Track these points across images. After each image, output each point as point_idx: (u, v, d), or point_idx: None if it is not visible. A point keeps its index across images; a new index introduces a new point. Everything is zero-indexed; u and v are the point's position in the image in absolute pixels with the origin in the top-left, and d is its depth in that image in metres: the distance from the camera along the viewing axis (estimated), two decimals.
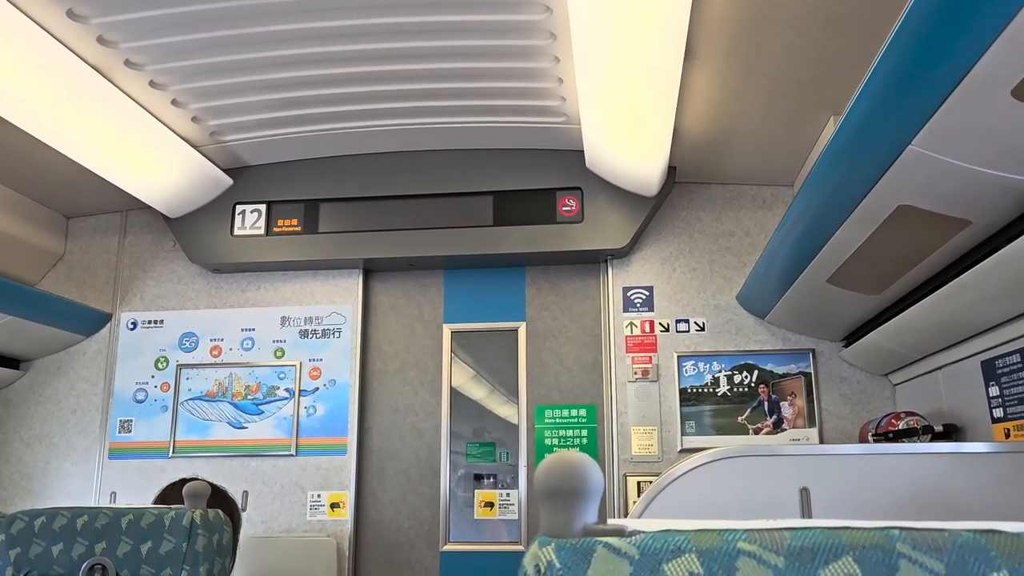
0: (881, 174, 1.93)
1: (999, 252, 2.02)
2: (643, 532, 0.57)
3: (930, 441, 2.69)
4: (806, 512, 1.95)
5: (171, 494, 2.20)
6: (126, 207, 4.09)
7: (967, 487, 1.94)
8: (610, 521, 0.59)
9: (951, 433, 2.73)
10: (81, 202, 4.04)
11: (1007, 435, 2.42)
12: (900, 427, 2.82)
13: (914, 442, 2.71)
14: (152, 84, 3.02)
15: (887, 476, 1.98)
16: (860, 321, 3.14)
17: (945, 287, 2.32)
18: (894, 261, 2.41)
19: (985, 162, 1.75)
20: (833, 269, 2.62)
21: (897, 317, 2.74)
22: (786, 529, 0.56)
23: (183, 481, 2.20)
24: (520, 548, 3.60)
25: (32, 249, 3.97)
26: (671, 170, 3.62)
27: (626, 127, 3.09)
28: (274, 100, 3.29)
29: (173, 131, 3.33)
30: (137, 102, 3.07)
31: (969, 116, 1.61)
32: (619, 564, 0.56)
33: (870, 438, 2.98)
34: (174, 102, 3.17)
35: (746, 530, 0.56)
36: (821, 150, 2.14)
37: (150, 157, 3.40)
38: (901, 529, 0.55)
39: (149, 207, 3.84)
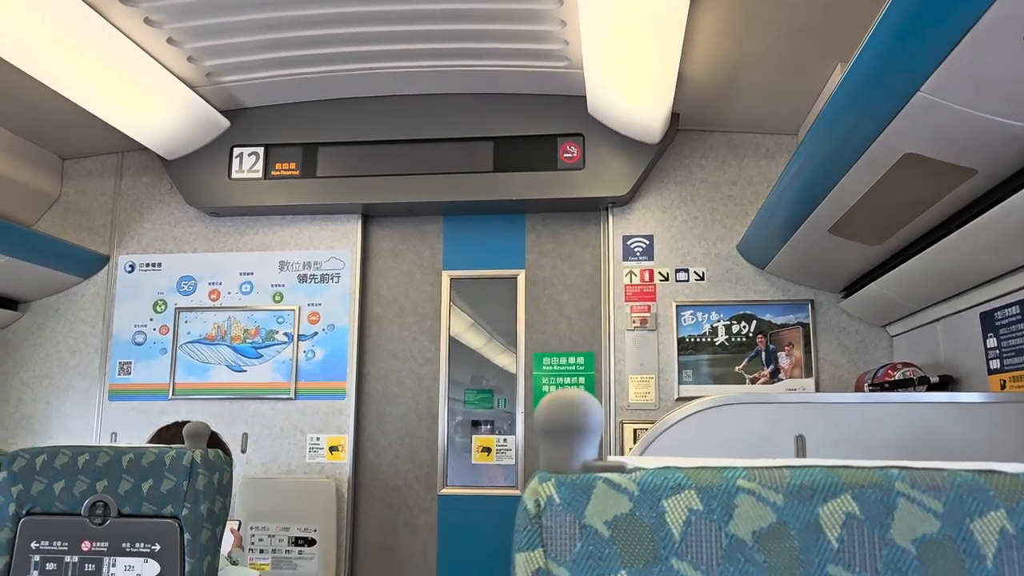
0: (888, 121, 1.91)
1: (1004, 202, 2.00)
2: (643, 469, 0.57)
3: (926, 391, 2.70)
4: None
5: (166, 435, 2.21)
6: (122, 148, 4.04)
7: (961, 436, 1.96)
8: (609, 458, 0.59)
9: (947, 384, 2.74)
10: (77, 143, 4.00)
11: (1003, 386, 2.43)
12: (896, 378, 2.84)
13: (910, 392, 2.72)
14: (147, 21, 2.96)
15: (882, 425, 1.99)
16: (861, 271, 3.14)
17: (947, 237, 2.31)
18: (897, 210, 2.39)
19: (995, 110, 1.73)
20: (835, 218, 2.60)
21: (898, 267, 2.73)
22: (785, 467, 0.56)
23: (175, 424, 2.22)
24: (516, 492, 3.65)
25: (28, 190, 3.94)
26: (674, 117, 3.58)
27: (630, 72, 3.04)
28: (271, 40, 3.22)
29: (169, 70, 3.28)
30: (132, 39, 3.01)
31: (980, 62, 1.58)
32: (619, 499, 0.56)
33: (866, 388, 2.99)
34: (170, 40, 3.11)
35: (745, 468, 0.56)
36: (827, 97, 2.11)
37: (146, 97, 3.35)
38: (900, 468, 0.55)
39: (146, 149, 3.80)
